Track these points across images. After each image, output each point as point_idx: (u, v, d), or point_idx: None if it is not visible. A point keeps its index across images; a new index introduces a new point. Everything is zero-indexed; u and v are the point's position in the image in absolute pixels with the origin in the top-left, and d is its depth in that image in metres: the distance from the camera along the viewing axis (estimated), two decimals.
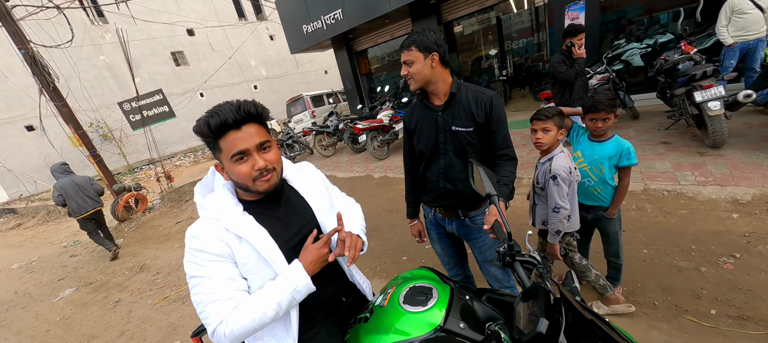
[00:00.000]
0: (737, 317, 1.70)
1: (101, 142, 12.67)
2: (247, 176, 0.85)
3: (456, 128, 1.34)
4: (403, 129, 1.58)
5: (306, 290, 0.89)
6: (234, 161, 0.84)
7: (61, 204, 4.72)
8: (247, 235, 0.87)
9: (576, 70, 3.37)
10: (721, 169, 2.95)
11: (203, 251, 0.83)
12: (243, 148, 0.82)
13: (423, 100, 1.42)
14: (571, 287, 0.87)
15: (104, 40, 14.20)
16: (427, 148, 1.43)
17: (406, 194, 1.70)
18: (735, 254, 2.10)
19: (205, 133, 0.82)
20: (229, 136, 0.82)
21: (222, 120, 0.80)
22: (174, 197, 7.57)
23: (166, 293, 3.49)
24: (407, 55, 1.29)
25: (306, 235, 0.98)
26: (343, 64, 9.53)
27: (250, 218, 0.90)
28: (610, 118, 1.62)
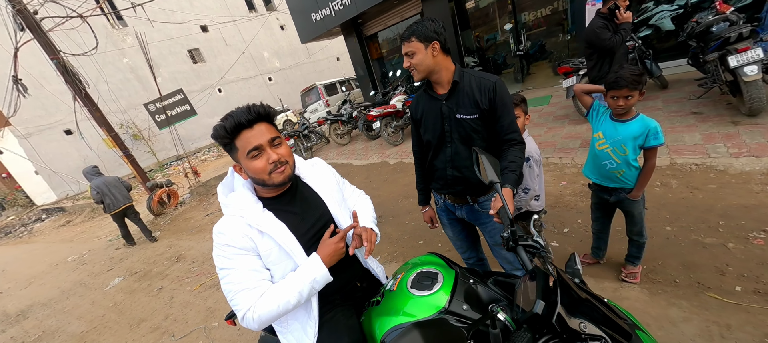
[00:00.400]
0: (764, 293, 1.65)
1: (132, 142, 13.43)
2: (263, 169, 0.94)
3: (461, 116, 1.36)
4: (411, 119, 1.60)
5: (324, 280, 0.97)
6: (250, 158, 0.93)
7: (99, 201, 5.27)
8: (268, 229, 0.96)
9: (621, 36, 3.00)
10: (758, 139, 2.77)
11: (229, 246, 0.93)
12: (257, 144, 0.92)
13: (427, 89, 1.44)
14: (573, 269, 0.90)
15: (126, 44, 14.79)
16: (433, 137, 1.46)
17: (416, 181, 1.75)
18: (767, 228, 2.01)
19: (221, 135, 0.92)
20: (244, 135, 0.92)
21: (236, 121, 0.90)
22: (202, 191, 7.99)
23: (202, 280, 3.77)
24: (408, 46, 1.30)
25: (321, 227, 1.06)
26: (353, 51, 9.46)
27: (270, 214, 0.99)
28: (634, 96, 1.50)
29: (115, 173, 13.96)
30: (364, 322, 1.09)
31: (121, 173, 13.99)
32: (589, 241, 2.39)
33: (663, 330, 1.63)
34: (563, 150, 3.81)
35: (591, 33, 3.12)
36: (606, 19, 3.08)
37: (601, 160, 1.71)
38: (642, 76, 1.49)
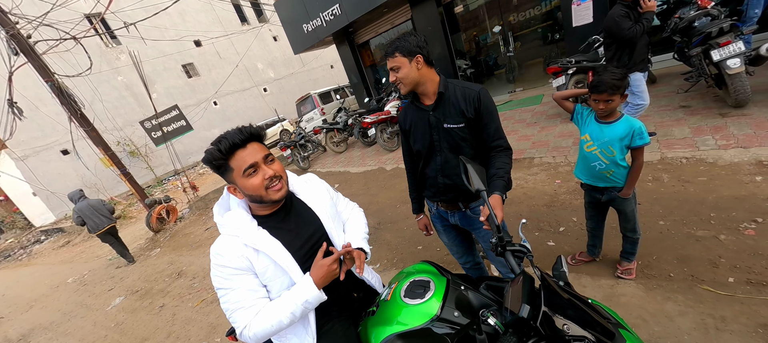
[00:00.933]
0: (756, 283, 1.68)
1: (129, 159, 13.43)
2: (260, 186, 0.96)
3: (448, 125, 1.39)
4: (400, 130, 1.63)
5: (316, 301, 0.99)
6: (246, 176, 0.95)
7: (79, 224, 5.54)
8: (263, 247, 0.99)
9: (642, 26, 2.71)
10: (745, 130, 2.82)
11: (226, 267, 0.96)
12: (252, 161, 0.95)
13: (414, 101, 1.47)
14: (559, 272, 0.93)
15: (120, 62, 14.86)
16: (423, 146, 1.49)
17: (409, 190, 1.77)
18: (757, 218, 2.05)
19: (216, 157, 0.94)
20: (238, 155, 0.95)
21: (231, 142, 0.94)
22: (201, 206, 7.99)
23: (203, 295, 3.77)
24: (392, 62, 1.34)
25: (315, 242, 1.09)
26: (346, 59, 9.54)
27: (265, 233, 1.01)
28: (615, 99, 1.54)
29: (113, 191, 13.96)
30: (361, 333, 1.11)
31: (119, 190, 14.00)
32: (584, 239, 2.41)
33: (660, 326, 1.65)
34: (556, 149, 3.85)
35: (611, 21, 2.85)
36: (627, 8, 2.80)
37: (590, 161, 1.75)
38: (623, 80, 1.52)
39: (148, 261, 5.86)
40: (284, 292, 1.00)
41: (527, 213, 2.98)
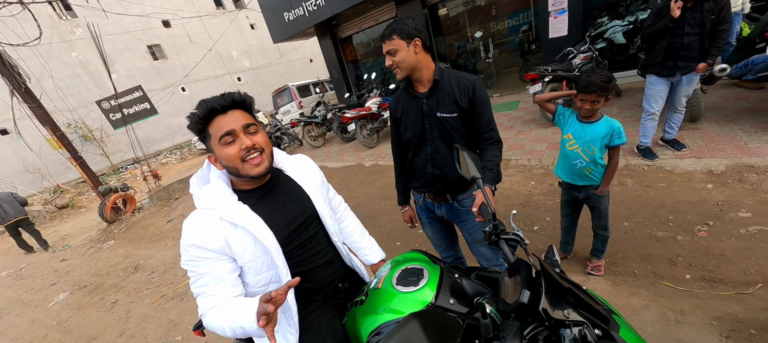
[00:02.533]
0: (710, 280, 1.83)
1: (82, 144, 12.27)
2: (235, 156, 0.88)
3: (441, 114, 1.36)
4: (390, 118, 1.59)
5: (255, 333, 0.85)
6: (222, 144, 0.88)
7: None
8: (242, 222, 0.90)
9: (655, 28, 2.66)
10: (698, 142, 3.08)
11: (197, 247, 0.87)
12: (229, 128, 0.87)
13: (407, 88, 1.44)
14: (552, 260, 0.93)
15: (74, 36, 13.55)
16: (413, 135, 1.46)
17: (396, 181, 1.73)
18: (709, 222, 2.23)
19: (195, 121, 0.88)
20: (217, 121, 0.88)
21: (209, 107, 0.86)
22: (163, 196, 7.46)
23: (163, 291, 3.49)
24: (390, 44, 1.29)
25: (304, 221, 1.02)
26: (327, 52, 9.36)
27: (245, 207, 0.93)
28: (600, 101, 1.61)
29: (60, 177, 12.67)
30: (348, 323, 1.06)
31: (68, 177, 12.73)
32: (557, 237, 2.51)
33: (627, 319, 1.73)
34: (531, 152, 4.00)
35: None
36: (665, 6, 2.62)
37: (571, 159, 1.81)
38: (610, 82, 1.59)
39: (99, 254, 5.36)
40: (241, 299, 0.87)
41: (503, 213, 3.05)
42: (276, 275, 0.96)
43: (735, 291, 1.71)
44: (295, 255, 1.00)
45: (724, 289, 1.74)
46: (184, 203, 6.87)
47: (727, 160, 2.73)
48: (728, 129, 3.13)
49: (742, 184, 2.49)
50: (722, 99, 3.74)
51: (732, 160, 2.72)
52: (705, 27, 2.50)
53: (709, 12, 2.46)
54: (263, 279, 0.95)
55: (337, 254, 1.16)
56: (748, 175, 2.54)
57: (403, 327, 0.46)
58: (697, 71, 2.64)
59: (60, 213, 9.47)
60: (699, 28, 2.52)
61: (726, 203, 2.35)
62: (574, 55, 4.67)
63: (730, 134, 3.05)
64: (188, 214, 1.02)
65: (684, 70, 2.67)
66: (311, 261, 1.06)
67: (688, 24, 2.54)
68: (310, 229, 1.05)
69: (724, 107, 3.55)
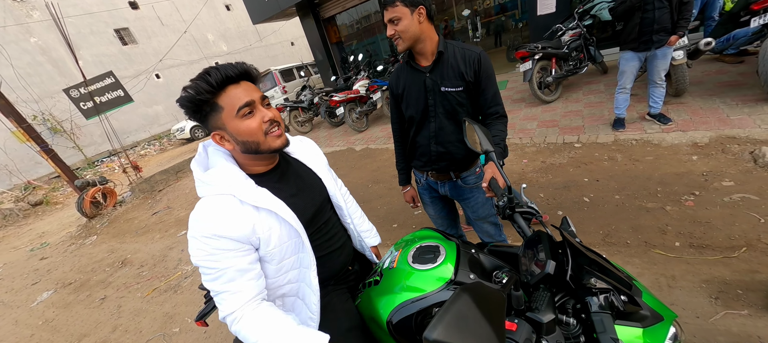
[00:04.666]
0: (698, 246, 1.92)
1: (51, 136, 11.54)
2: (259, 129, 0.80)
3: (446, 89, 1.31)
4: (390, 95, 1.52)
5: None
6: (241, 117, 0.78)
7: None
8: (266, 204, 0.82)
9: (626, 4, 2.78)
10: (683, 116, 3.18)
11: (220, 237, 0.76)
12: (248, 99, 0.78)
13: (409, 61, 1.37)
14: (569, 230, 0.93)
15: (31, 19, 12.47)
16: (416, 111, 1.40)
17: (396, 161, 1.68)
18: (695, 192, 2.32)
19: (203, 90, 0.75)
20: (230, 91, 0.78)
21: (223, 75, 0.76)
22: (145, 188, 7.17)
23: (154, 284, 3.40)
24: (393, 12, 1.19)
25: (320, 205, 0.98)
26: (310, 33, 9.03)
27: (265, 190, 0.85)
28: None
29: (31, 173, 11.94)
30: (362, 304, 1.04)
31: (39, 172, 12.01)
32: (552, 214, 2.58)
33: None
34: (522, 131, 4.04)
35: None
36: None
37: None
38: None
39: (81, 250, 5.13)
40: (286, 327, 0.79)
41: None
42: (298, 260, 0.91)
43: (722, 256, 1.80)
44: (314, 240, 0.96)
45: (712, 254, 1.84)
46: (169, 195, 6.63)
47: (710, 133, 2.84)
48: (711, 103, 3.24)
49: (724, 154, 2.59)
50: (705, 74, 3.86)
51: (715, 132, 2.82)
52: (672, 1, 2.65)
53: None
54: (287, 265, 0.89)
55: (349, 237, 1.13)
56: (730, 146, 2.65)
57: (455, 302, 0.44)
58: (669, 44, 2.77)
59: (34, 210, 8.97)
60: (667, 2, 2.66)
61: (710, 173, 2.45)
62: (563, 32, 4.68)
63: (712, 107, 3.16)
64: (174, 206, 0.93)
65: (658, 44, 2.80)
66: (327, 246, 1.02)
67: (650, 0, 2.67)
68: (325, 213, 1.01)
69: (706, 82, 3.67)
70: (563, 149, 3.41)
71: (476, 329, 0.43)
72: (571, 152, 3.31)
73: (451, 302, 0.44)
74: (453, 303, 0.43)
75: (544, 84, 4.48)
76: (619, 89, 3.19)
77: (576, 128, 3.66)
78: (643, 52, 2.90)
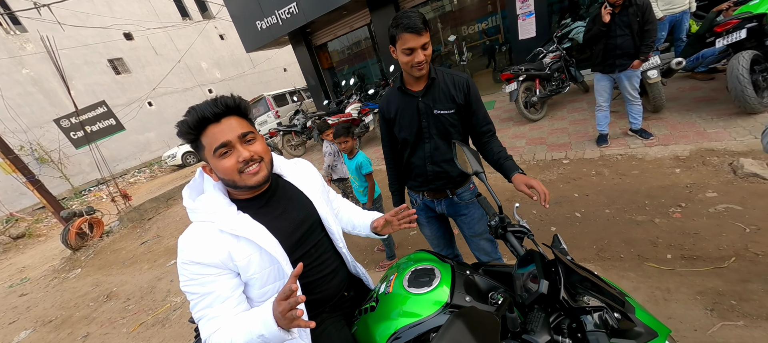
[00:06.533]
0: (689, 257, 1.95)
1: (39, 167, 11.31)
2: (232, 169, 0.82)
3: (438, 112, 1.36)
4: (381, 119, 1.55)
5: (276, 339, 0.76)
6: (217, 156, 0.81)
7: None
8: (244, 233, 0.84)
9: (592, 33, 3.00)
10: (663, 131, 3.30)
11: (197, 263, 0.80)
12: (224, 140, 0.80)
13: (401, 87, 1.41)
14: (560, 248, 0.95)
15: (25, 52, 12.55)
16: (410, 134, 1.43)
17: (390, 183, 1.67)
18: (681, 203, 2.38)
19: (185, 131, 0.80)
20: (210, 131, 0.80)
21: (199, 115, 0.79)
22: (135, 217, 7.00)
23: (141, 318, 3.25)
24: (424, 38, 1.18)
25: (308, 229, 0.98)
26: (303, 60, 9.25)
27: (246, 217, 0.87)
28: (348, 141, 2.49)
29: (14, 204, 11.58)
30: (358, 331, 1.02)
31: (24, 204, 11.65)
32: (544, 231, 2.60)
33: None
34: (512, 149, 4.13)
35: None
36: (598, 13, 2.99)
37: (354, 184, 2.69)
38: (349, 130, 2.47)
39: (64, 285, 4.92)
40: (251, 310, 0.81)
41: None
42: (283, 286, 0.91)
43: (713, 266, 1.83)
44: None
45: (703, 265, 1.86)
46: (159, 223, 6.48)
47: (690, 146, 2.94)
48: (688, 117, 3.38)
49: (705, 166, 2.68)
50: (680, 90, 4.05)
51: (694, 145, 2.93)
52: (633, 28, 2.85)
53: (634, 15, 2.81)
54: (270, 290, 0.89)
55: (342, 261, 1.12)
56: (710, 158, 2.75)
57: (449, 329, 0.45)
58: (632, 68, 2.99)
59: (15, 244, 8.64)
60: (628, 30, 2.87)
61: (694, 185, 2.53)
62: (544, 54, 4.90)
63: (690, 122, 3.29)
64: (164, 234, 0.95)
65: (621, 68, 3.02)
66: (318, 271, 1.01)
67: (618, 27, 2.88)
68: (314, 235, 1.01)
69: (682, 98, 3.84)
70: (552, 166, 3.48)
71: None
72: (560, 169, 3.39)
73: (445, 329, 0.44)
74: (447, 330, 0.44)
75: (529, 103, 4.63)
76: (597, 107, 3.37)
77: (563, 145, 3.76)
78: (610, 74, 3.13)
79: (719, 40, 3.07)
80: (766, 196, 2.21)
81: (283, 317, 0.70)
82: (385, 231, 1.15)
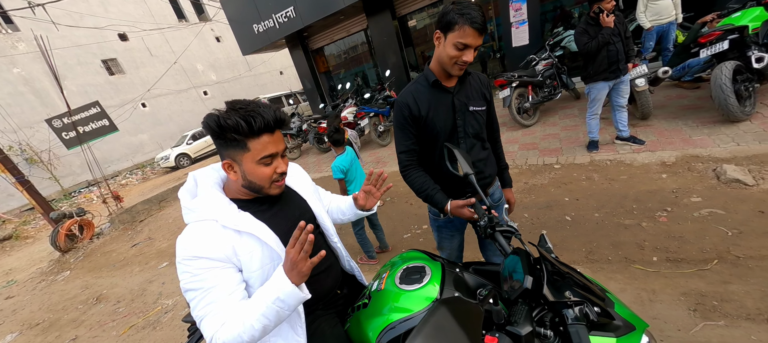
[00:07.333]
0: (674, 260, 2.00)
1: (28, 167, 11.11)
2: (268, 178, 0.88)
3: (473, 108, 1.29)
4: (401, 118, 1.30)
5: (294, 299, 0.79)
6: (260, 163, 0.85)
7: None
8: (247, 228, 0.86)
9: (597, 42, 2.95)
10: (650, 137, 3.39)
11: (201, 258, 0.80)
12: (275, 151, 0.85)
13: (437, 81, 1.26)
14: (546, 247, 0.98)
15: (16, 51, 12.39)
16: (444, 133, 1.29)
17: (425, 187, 1.32)
18: (667, 208, 2.45)
19: (241, 130, 0.80)
20: (264, 138, 0.83)
21: (265, 121, 0.81)
22: (126, 219, 6.92)
23: (131, 321, 3.22)
24: (482, 39, 1.10)
25: None
26: (300, 64, 9.29)
27: (247, 214, 0.90)
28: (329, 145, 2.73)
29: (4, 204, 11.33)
30: (351, 328, 1.05)
31: (11, 205, 11.41)
32: (536, 233, 2.64)
33: None
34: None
35: (575, 36, 3.19)
36: (589, 23, 3.04)
37: None
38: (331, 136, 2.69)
39: (52, 287, 4.84)
40: (253, 295, 0.83)
41: None
42: None
43: (696, 268, 1.89)
44: None
45: (687, 267, 1.92)
46: (150, 225, 6.41)
47: (676, 152, 3.03)
48: (674, 124, 3.48)
49: (690, 172, 2.77)
50: (667, 98, 4.16)
51: (680, 151, 3.02)
52: (622, 35, 3.03)
53: (619, 22, 2.99)
54: None
55: (336, 258, 1.15)
56: (695, 164, 2.83)
57: (434, 314, 0.48)
58: (628, 70, 3.18)
59: (2, 246, 8.45)
60: (620, 36, 3.02)
61: (679, 190, 2.60)
62: (536, 62, 5.00)
63: (676, 129, 3.39)
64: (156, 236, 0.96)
65: (623, 72, 3.13)
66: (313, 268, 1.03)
67: (614, 33, 2.99)
68: None
69: (669, 105, 3.95)
70: (544, 170, 3.55)
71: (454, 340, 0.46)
72: (551, 173, 3.45)
73: (430, 314, 0.47)
74: (432, 315, 0.47)
75: (522, 109, 4.72)
76: (591, 115, 3.42)
77: (554, 150, 3.84)
78: (613, 80, 3.17)
79: (703, 50, 3.17)
80: (747, 201, 2.28)
81: (295, 265, 0.77)
82: (370, 203, 1.15)
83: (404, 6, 7.36)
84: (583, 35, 3.07)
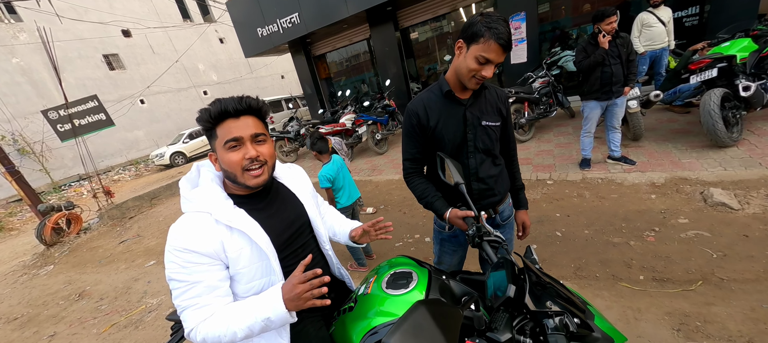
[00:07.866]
0: (660, 279, 2.03)
1: (19, 158, 10.96)
2: (237, 164, 0.86)
3: (486, 123, 1.24)
4: (410, 126, 1.30)
5: (281, 321, 0.83)
6: (226, 148, 0.86)
7: None
8: (239, 225, 0.86)
9: (590, 60, 3.06)
10: (641, 158, 3.46)
11: (190, 251, 0.81)
12: (237, 135, 0.85)
13: (450, 92, 1.23)
14: (531, 258, 1.00)
15: (17, 41, 12.36)
16: (452, 147, 1.26)
17: (427, 194, 1.32)
18: (655, 228, 2.49)
19: (205, 118, 0.86)
20: (227, 124, 0.86)
21: (222, 108, 0.84)
22: (115, 215, 6.82)
23: (113, 319, 3.15)
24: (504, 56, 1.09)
25: (297, 229, 1.01)
26: (301, 69, 9.37)
27: (242, 211, 0.90)
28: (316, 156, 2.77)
29: None
30: (336, 331, 1.04)
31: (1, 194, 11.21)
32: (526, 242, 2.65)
33: None
34: None
35: (575, 54, 3.31)
36: (589, 43, 3.14)
37: None
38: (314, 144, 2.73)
39: (34, 281, 4.72)
40: (248, 298, 0.87)
41: None
42: (269, 282, 0.92)
43: (681, 289, 1.91)
44: (287, 264, 0.97)
45: (672, 287, 1.94)
46: (140, 222, 6.33)
47: (665, 174, 3.09)
48: (664, 147, 3.56)
49: (678, 194, 2.82)
50: (658, 121, 4.26)
51: (669, 173, 3.08)
52: (622, 58, 3.07)
53: (621, 46, 3.04)
54: (256, 286, 0.91)
55: (327, 264, 1.15)
56: (683, 186, 2.89)
57: (413, 313, 0.48)
58: (624, 94, 3.20)
59: None
60: (619, 59, 3.06)
61: (667, 211, 2.64)
62: (533, 79, 5.11)
63: (666, 151, 3.46)
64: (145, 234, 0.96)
65: (617, 94, 3.17)
66: None
67: (612, 55, 3.05)
68: (303, 236, 1.04)
69: (659, 128, 4.04)
70: (537, 186, 3.59)
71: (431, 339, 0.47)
72: (544, 188, 3.49)
73: (409, 312, 0.48)
74: (411, 313, 0.48)
75: (518, 125, 4.79)
76: (584, 133, 3.48)
77: (548, 166, 3.89)
78: (605, 101, 3.23)
79: (694, 76, 3.27)
80: (732, 224, 2.33)
81: (299, 298, 0.79)
82: (363, 240, 1.20)
83: (407, 19, 7.50)
84: (581, 53, 3.22)
